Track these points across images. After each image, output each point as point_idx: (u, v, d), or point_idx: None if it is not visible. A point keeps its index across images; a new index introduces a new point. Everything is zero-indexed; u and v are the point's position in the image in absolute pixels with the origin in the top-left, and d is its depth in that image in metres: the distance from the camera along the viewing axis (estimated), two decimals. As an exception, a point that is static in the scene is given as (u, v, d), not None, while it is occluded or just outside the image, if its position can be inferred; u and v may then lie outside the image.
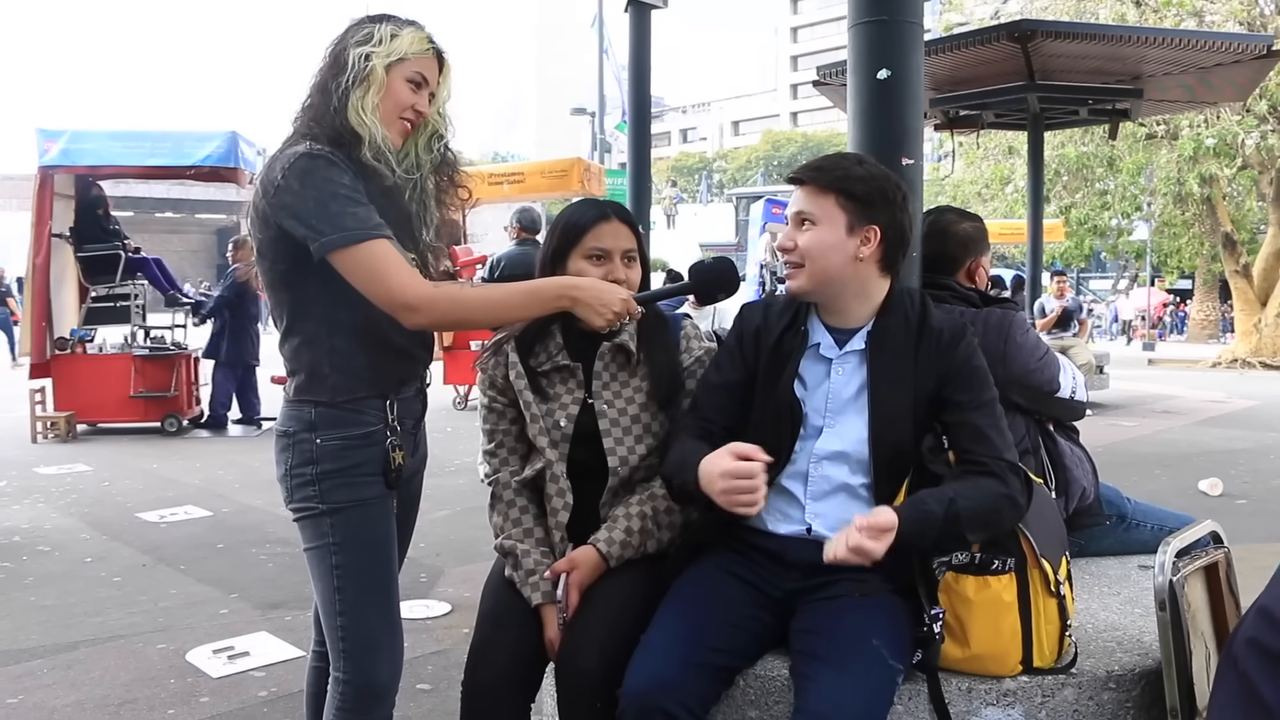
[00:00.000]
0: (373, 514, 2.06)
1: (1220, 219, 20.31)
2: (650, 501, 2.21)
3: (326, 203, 1.88)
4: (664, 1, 6.22)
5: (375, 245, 1.89)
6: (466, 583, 4.72)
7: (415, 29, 2.07)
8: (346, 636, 2.04)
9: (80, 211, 10.01)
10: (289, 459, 2.05)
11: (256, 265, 2.06)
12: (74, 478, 7.59)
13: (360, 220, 1.89)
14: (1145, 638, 2.17)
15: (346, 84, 1.99)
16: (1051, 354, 2.65)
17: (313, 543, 2.06)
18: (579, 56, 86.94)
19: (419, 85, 2.06)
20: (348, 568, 2.04)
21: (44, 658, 3.88)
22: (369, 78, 1.99)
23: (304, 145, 1.94)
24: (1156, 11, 17.54)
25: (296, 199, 1.90)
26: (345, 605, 2.04)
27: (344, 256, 1.89)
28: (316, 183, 1.89)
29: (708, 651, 1.92)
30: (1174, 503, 5.40)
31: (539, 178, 12.53)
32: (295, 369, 2.05)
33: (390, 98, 2.02)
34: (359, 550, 2.05)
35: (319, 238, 1.88)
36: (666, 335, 2.32)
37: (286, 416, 2.07)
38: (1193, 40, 7.55)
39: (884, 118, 2.61)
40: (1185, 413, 12.06)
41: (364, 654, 2.05)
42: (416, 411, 2.21)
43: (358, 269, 1.90)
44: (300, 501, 2.05)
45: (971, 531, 1.90)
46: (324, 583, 2.06)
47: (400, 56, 2.02)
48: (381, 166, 1.99)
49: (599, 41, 23.99)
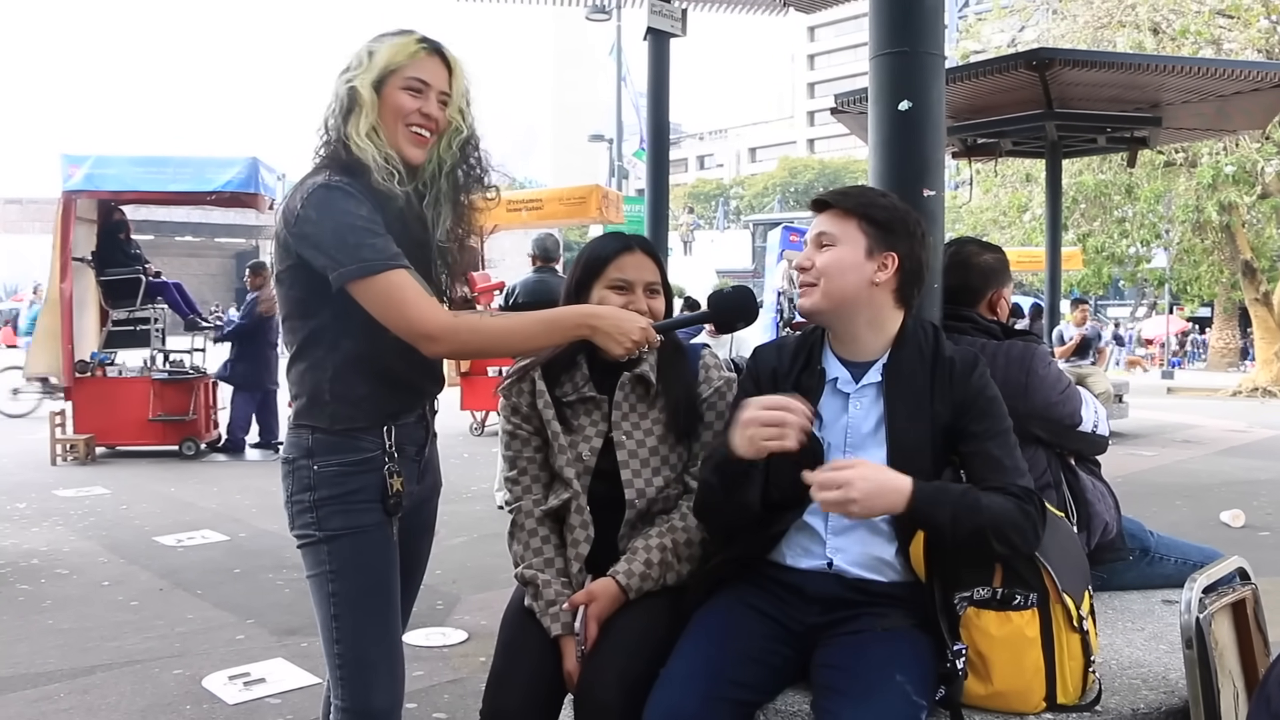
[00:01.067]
0: (370, 541, 2.05)
1: (1240, 247, 20.21)
2: (670, 534, 2.20)
3: (344, 234, 1.89)
4: (682, 30, 6.25)
5: (393, 275, 1.89)
6: (483, 610, 4.70)
7: (400, 36, 2.04)
8: (343, 664, 2.04)
9: (102, 236, 10.11)
10: (289, 485, 2.06)
11: (276, 291, 2.07)
12: (92, 500, 7.62)
13: (378, 251, 1.89)
14: (1171, 675, 2.14)
15: (340, 115, 2.01)
16: (1074, 387, 2.64)
17: (312, 570, 2.06)
18: (596, 83, 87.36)
19: (419, 91, 2.03)
20: (344, 595, 2.03)
21: (61, 681, 3.87)
22: (355, 102, 1.99)
23: (323, 176, 1.95)
24: (1175, 40, 17.54)
25: (316, 229, 1.90)
26: (342, 633, 2.04)
27: (362, 287, 1.89)
28: (335, 213, 1.90)
29: (728, 685, 1.90)
30: (1196, 534, 5.35)
31: (557, 204, 12.57)
32: (298, 394, 2.05)
33: (390, 112, 2.01)
34: (356, 577, 2.04)
35: (337, 268, 1.88)
36: (685, 366, 2.32)
37: (289, 443, 2.08)
38: (1211, 69, 7.52)
39: (905, 149, 2.62)
40: (1206, 442, 11.97)
41: (360, 681, 2.04)
42: (419, 438, 2.17)
43: (376, 299, 1.90)
44: (300, 528, 2.05)
45: (984, 526, 1.87)
46: (322, 610, 2.06)
47: (386, 70, 2.00)
48: (394, 189, 1.98)
49: (617, 69, 24.12)
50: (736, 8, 7.50)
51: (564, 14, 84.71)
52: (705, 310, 2.23)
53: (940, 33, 2.67)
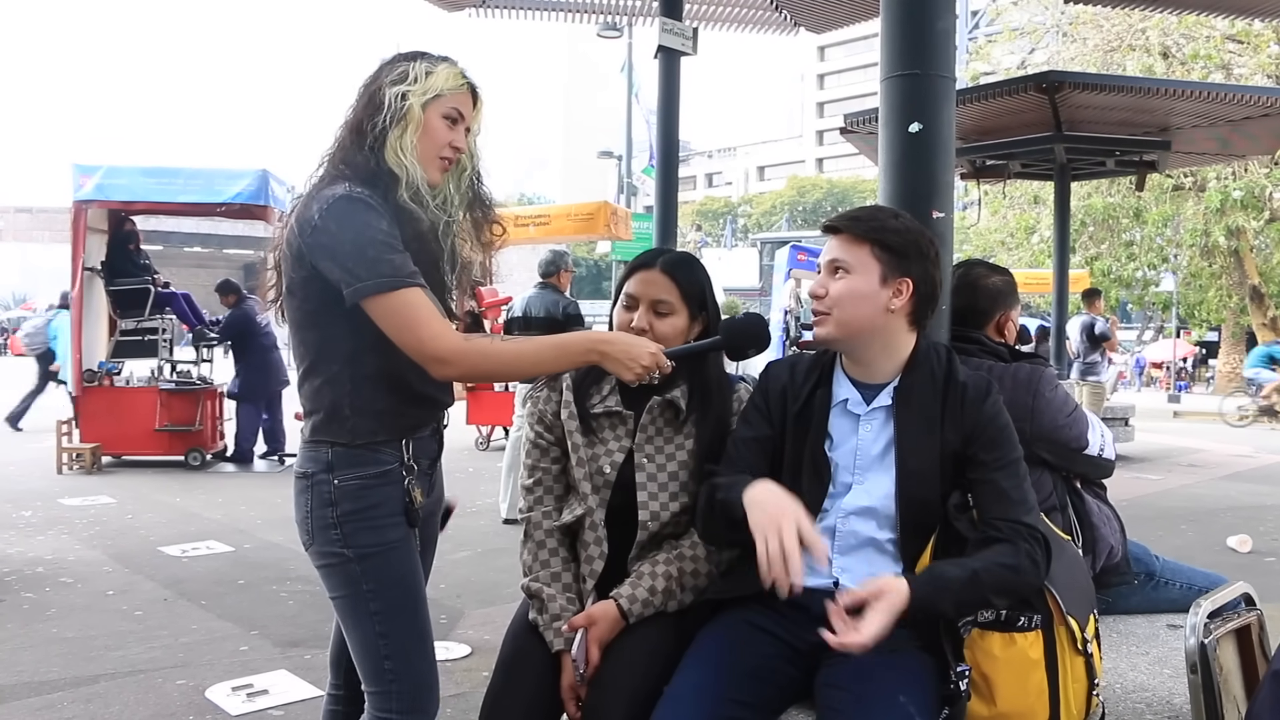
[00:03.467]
0: (401, 555, 2.05)
1: (1248, 271, 20.22)
2: (678, 562, 2.20)
3: (364, 248, 1.88)
4: (693, 48, 6.28)
5: (409, 294, 1.89)
6: (487, 625, 4.70)
7: (449, 65, 2.07)
8: (398, 679, 2.04)
9: (112, 246, 10.16)
10: (308, 501, 2.03)
11: (285, 302, 2.06)
12: (98, 510, 7.63)
13: (396, 268, 1.89)
14: (1175, 699, 2.14)
15: (384, 123, 1.99)
16: (1080, 410, 2.64)
17: (343, 591, 2.04)
18: (605, 100, 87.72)
19: (455, 121, 2.06)
20: (388, 612, 2.03)
21: (65, 690, 3.88)
22: (406, 116, 1.99)
23: (343, 187, 1.93)
24: (1184, 64, 17.60)
25: (333, 241, 1.89)
26: (391, 649, 2.03)
27: (378, 304, 1.89)
28: (356, 226, 1.89)
29: (732, 704, 1.90)
30: (1201, 559, 5.33)
31: (565, 220, 12.60)
32: (315, 409, 2.03)
33: (428, 136, 2.02)
34: (395, 592, 2.04)
35: (354, 283, 1.87)
36: (724, 401, 2.30)
37: (304, 458, 2.05)
38: (1221, 93, 7.57)
39: (915, 171, 2.63)
40: (1212, 466, 11.93)
41: (417, 693, 2.06)
42: (432, 451, 2.18)
43: (390, 317, 1.89)
44: (324, 545, 2.02)
45: (988, 596, 1.88)
46: (364, 630, 2.04)
47: (437, 93, 2.02)
48: (417, 208, 1.99)
49: (628, 85, 24.20)
50: (747, 27, 7.54)
51: (575, 31, 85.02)
52: (718, 338, 2.21)
53: (951, 56, 2.68)
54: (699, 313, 2.29)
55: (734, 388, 2.33)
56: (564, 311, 7.18)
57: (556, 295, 7.29)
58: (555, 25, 8.11)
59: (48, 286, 36.24)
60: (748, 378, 2.35)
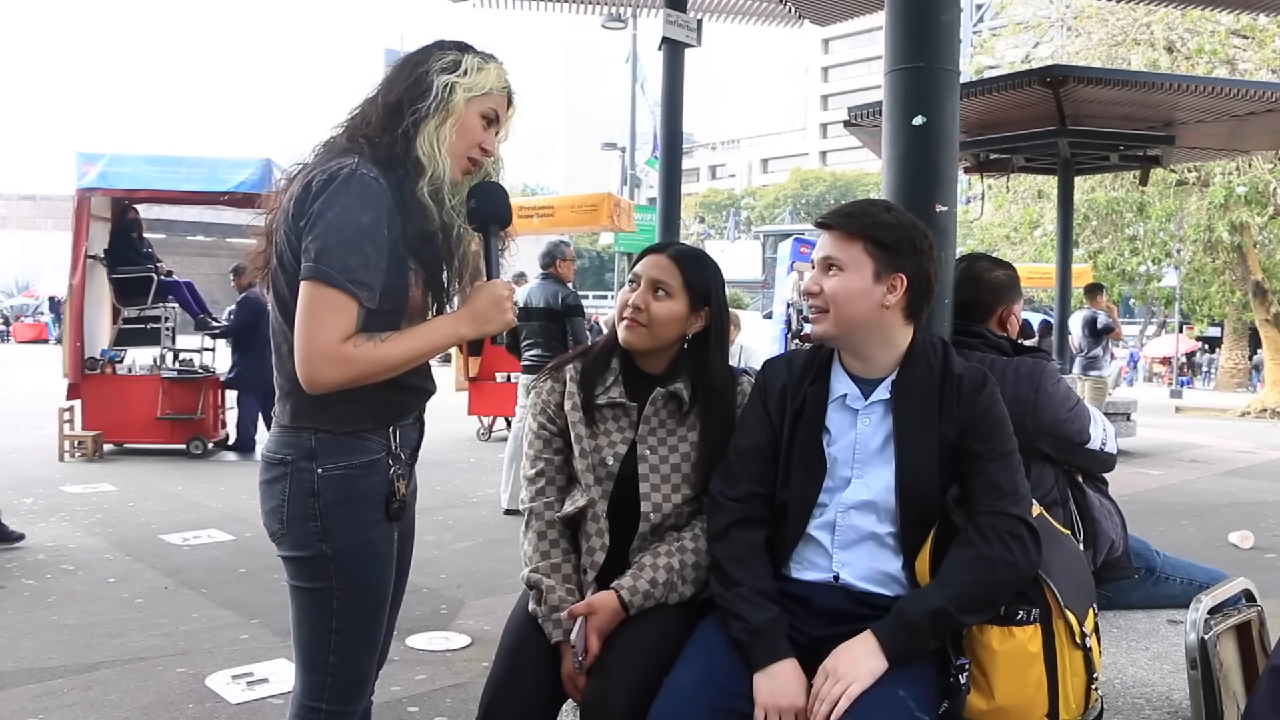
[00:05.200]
0: (376, 556, 1.98)
1: (1251, 267, 20.17)
2: (679, 554, 2.19)
3: (340, 230, 1.79)
4: (697, 40, 6.26)
5: (338, 296, 1.79)
6: (487, 616, 4.71)
7: (498, 65, 2.01)
8: (338, 675, 1.98)
9: (115, 234, 10.15)
10: (285, 490, 1.93)
11: (273, 274, 1.94)
12: (99, 497, 7.64)
13: (349, 268, 1.79)
14: (1175, 695, 2.14)
15: (425, 111, 1.91)
16: (1082, 405, 2.64)
17: (308, 582, 1.97)
18: (608, 91, 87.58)
19: (491, 123, 2.00)
20: (348, 612, 1.96)
21: (65, 677, 3.89)
22: (449, 109, 1.92)
23: (352, 162, 1.85)
24: (1189, 59, 17.55)
25: (318, 212, 1.80)
26: (340, 646, 1.97)
27: (310, 288, 1.79)
28: (348, 205, 1.80)
29: (732, 696, 1.91)
30: (1202, 554, 5.33)
31: (568, 211, 12.60)
32: (294, 390, 1.89)
33: (464, 133, 1.96)
34: (361, 594, 1.97)
35: (310, 261, 1.79)
36: (729, 393, 2.30)
37: (281, 443, 1.94)
38: (1226, 88, 7.51)
39: (919, 164, 2.62)
40: (1213, 462, 11.94)
41: (350, 692, 2.00)
42: (413, 440, 2.10)
43: (309, 306, 1.79)
44: (299, 538, 1.94)
45: (974, 615, 1.90)
46: (318, 622, 1.97)
47: (485, 91, 1.97)
48: (432, 205, 1.92)
49: (633, 77, 24.16)
50: (752, 19, 7.52)
51: (579, 22, 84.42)
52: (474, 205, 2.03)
53: (956, 49, 2.67)
54: (700, 306, 2.28)
55: (737, 380, 2.33)
56: (563, 303, 7.14)
57: (557, 286, 7.26)
58: (560, 16, 8.11)
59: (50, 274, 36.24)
60: (750, 371, 2.34)
